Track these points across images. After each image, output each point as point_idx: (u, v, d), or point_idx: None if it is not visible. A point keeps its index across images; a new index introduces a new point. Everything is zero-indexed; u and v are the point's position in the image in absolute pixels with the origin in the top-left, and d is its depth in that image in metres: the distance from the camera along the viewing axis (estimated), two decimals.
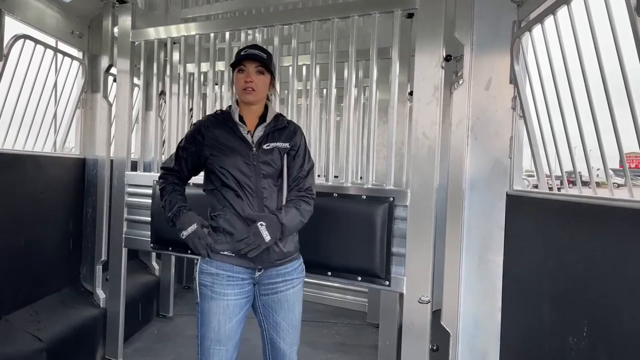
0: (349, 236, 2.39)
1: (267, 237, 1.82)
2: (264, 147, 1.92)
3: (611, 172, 1.51)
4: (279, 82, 2.71)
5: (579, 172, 1.72)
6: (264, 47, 2.04)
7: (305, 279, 4.47)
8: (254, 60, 1.90)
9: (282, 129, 1.99)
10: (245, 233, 1.84)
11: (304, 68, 3.14)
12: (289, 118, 2.16)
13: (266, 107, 2.01)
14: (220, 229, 1.89)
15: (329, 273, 2.45)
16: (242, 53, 1.92)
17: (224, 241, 1.88)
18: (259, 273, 1.94)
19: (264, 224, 1.83)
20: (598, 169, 1.62)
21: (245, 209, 1.87)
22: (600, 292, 1.37)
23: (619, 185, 2.00)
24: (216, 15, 3.84)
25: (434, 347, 2.24)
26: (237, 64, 1.92)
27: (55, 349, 2.61)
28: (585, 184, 1.74)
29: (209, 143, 1.92)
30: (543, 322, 1.70)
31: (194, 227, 1.90)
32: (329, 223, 2.43)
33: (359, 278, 2.38)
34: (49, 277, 3.02)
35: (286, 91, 2.84)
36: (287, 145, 1.97)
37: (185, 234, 1.90)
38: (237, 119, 1.93)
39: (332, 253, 2.43)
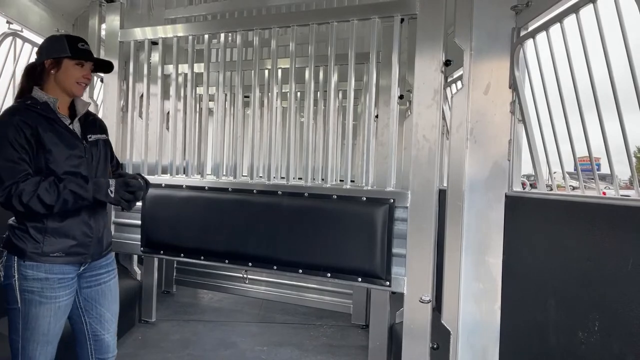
0: (349, 238, 2.41)
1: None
2: (89, 138, 1.95)
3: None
4: (276, 85, 2.74)
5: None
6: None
7: (284, 281, 4.58)
8: (93, 60, 1.95)
9: (93, 121, 2.06)
10: (83, 232, 1.88)
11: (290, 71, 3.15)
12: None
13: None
14: (49, 230, 1.82)
15: (329, 274, 2.47)
16: (81, 47, 1.91)
17: (54, 242, 1.83)
18: (84, 267, 1.95)
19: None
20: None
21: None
22: (611, 288, 1.43)
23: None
24: (199, 16, 3.80)
25: (435, 346, 2.28)
26: (77, 57, 1.89)
27: None
28: None
29: (34, 139, 1.78)
30: (548, 318, 1.76)
31: (113, 182, 1.88)
32: (328, 225, 2.46)
33: (359, 279, 2.40)
34: None
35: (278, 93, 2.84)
36: (105, 136, 2.07)
37: (112, 189, 1.85)
38: (57, 110, 1.88)
39: (332, 254, 2.45)
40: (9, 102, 2.77)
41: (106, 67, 2.07)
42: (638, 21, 1.37)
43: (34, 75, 1.90)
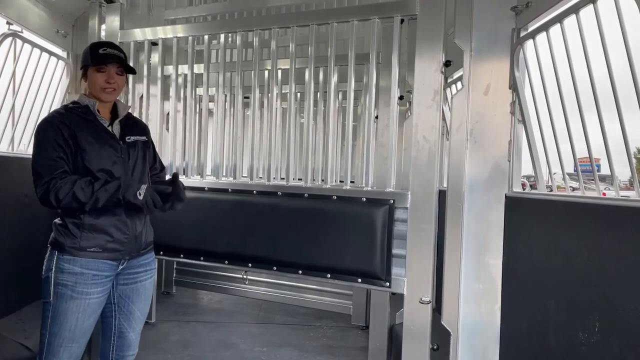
0: (349, 238, 2.40)
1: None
2: (127, 139, 2.03)
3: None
4: (276, 86, 2.74)
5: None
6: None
7: (283, 282, 4.58)
8: (116, 61, 1.95)
9: (134, 123, 2.14)
10: (119, 229, 1.93)
11: (290, 71, 3.15)
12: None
13: (114, 102, 2.07)
14: (86, 225, 1.89)
15: (328, 275, 2.45)
16: (102, 52, 1.95)
17: (91, 238, 1.89)
18: (122, 265, 2.01)
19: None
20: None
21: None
22: (611, 289, 1.43)
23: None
24: (199, 17, 3.79)
25: (435, 347, 2.28)
26: (95, 63, 1.93)
27: None
28: None
29: (72, 139, 1.88)
30: (548, 319, 1.76)
31: (145, 186, 1.91)
32: (328, 225, 2.45)
33: (359, 280, 2.40)
34: (33, 283, 2.91)
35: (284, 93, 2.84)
36: (145, 138, 2.13)
37: (141, 192, 1.88)
38: (97, 113, 1.97)
39: (332, 255, 2.43)
40: (9, 102, 2.77)
41: (130, 68, 2.09)
42: (638, 21, 1.37)
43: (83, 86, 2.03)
